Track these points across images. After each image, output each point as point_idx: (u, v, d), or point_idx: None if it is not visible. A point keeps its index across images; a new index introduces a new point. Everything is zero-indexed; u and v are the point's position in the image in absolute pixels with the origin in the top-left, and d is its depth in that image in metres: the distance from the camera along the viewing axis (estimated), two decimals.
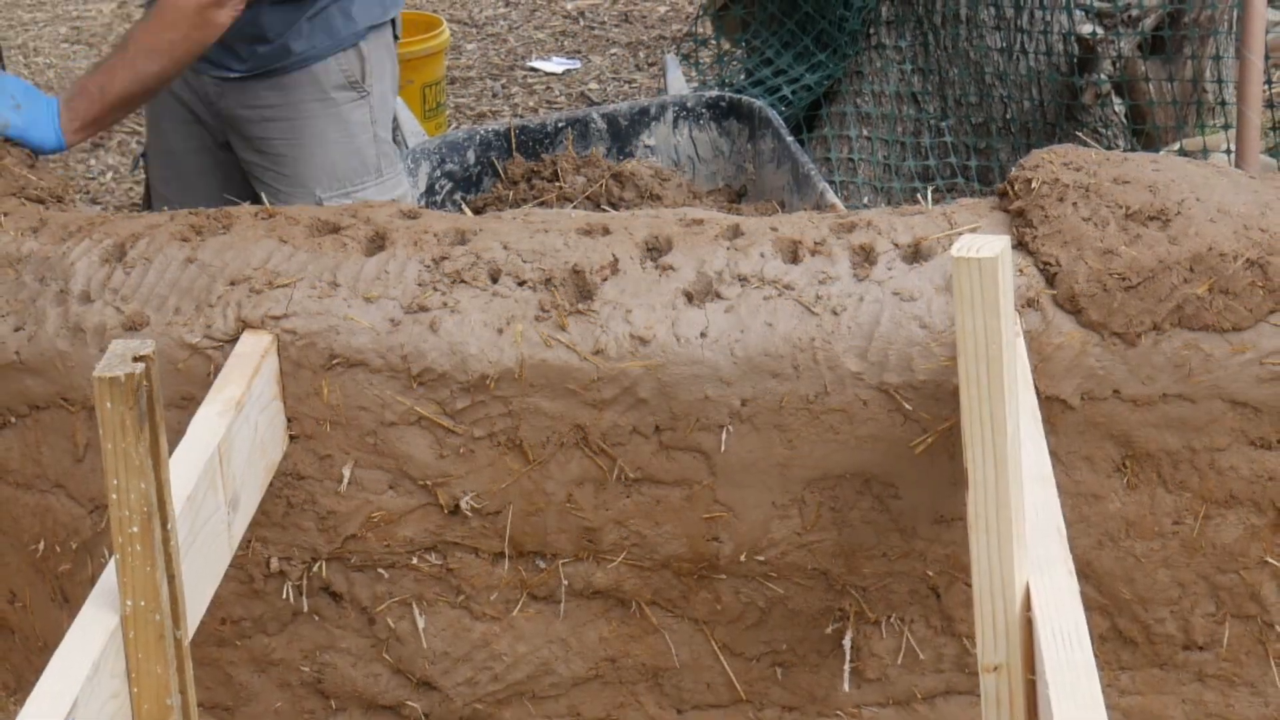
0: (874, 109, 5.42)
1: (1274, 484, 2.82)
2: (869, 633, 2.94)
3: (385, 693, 3.01)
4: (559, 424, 2.79)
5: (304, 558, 2.90)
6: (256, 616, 2.96)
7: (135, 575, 2.20)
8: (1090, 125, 5.46)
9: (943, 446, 2.76)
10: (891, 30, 5.41)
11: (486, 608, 2.93)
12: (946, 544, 2.85)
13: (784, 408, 2.75)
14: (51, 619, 3.02)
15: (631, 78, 7.49)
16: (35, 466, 2.93)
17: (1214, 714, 2.98)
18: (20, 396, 2.88)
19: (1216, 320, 2.75)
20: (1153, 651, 2.95)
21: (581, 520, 2.85)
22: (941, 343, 2.72)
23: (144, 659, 2.23)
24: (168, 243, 2.88)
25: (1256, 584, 2.89)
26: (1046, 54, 5.36)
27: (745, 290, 2.77)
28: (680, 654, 2.96)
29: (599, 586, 2.91)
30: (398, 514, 2.86)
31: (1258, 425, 2.79)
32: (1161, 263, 2.73)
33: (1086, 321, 2.75)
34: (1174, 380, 2.77)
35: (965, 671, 2.95)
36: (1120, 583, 2.89)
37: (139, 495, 2.17)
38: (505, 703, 3.01)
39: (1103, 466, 2.82)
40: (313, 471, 2.83)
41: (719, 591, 2.91)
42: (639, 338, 2.74)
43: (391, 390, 2.79)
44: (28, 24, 8.05)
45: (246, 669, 3.02)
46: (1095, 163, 2.87)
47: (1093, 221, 2.77)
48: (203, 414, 2.59)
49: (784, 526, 2.83)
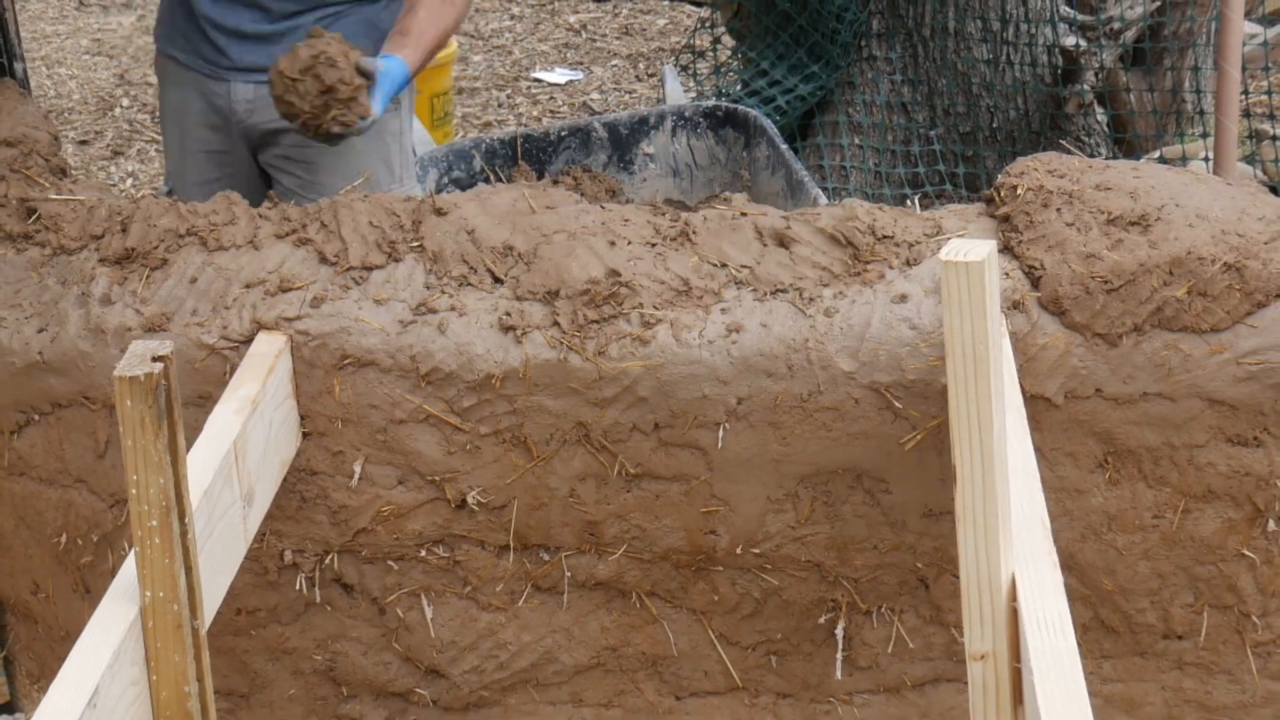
0: (865, 118, 5.42)
1: (1250, 479, 2.82)
2: (861, 622, 2.93)
3: (395, 680, 3.01)
4: (562, 421, 2.79)
5: (316, 550, 2.90)
6: (271, 607, 2.96)
7: (154, 567, 2.20)
8: (1073, 134, 5.46)
9: (932, 443, 2.76)
10: (882, 43, 5.40)
11: (492, 598, 2.93)
12: (935, 537, 2.85)
13: (778, 406, 2.75)
14: (74, 609, 3.02)
15: (632, 88, 7.48)
16: (58, 462, 2.93)
17: (1193, 701, 2.98)
18: (44, 395, 2.88)
19: (1195, 322, 2.75)
20: (1134, 640, 2.95)
21: (584, 514, 2.85)
22: (930, 343, 2.72)
23: (162, 648, 2.23)
24: (185, 247, 2.88)
25: (1233, 575, 2.89)
26: (1031, 65, 5.36)
27: (741, 293, 2.77)
28: (679, 643, 2.96)
29: (600, 578, 2.91)
30: (407, 508, 2.86)
31: (1235, 423, 2.79)
32: (1142, 266, 2.73)
33: (1070, 323, 2.75)
34: (1154, 379, 2.77)
35: (953, 659, 2.95)
36: (1102, 574, 2.89)
37: (158, 490, 2.17)
38: (510, 690, 3.01)
39: (1085, 462, 2.82)
40: (325, 467, 2.83)
41: (716, 583, 2.91)
42: (639, 338, 2.74)
43: (401, 389, 2.79)
44: (50, 37, 8.05)
45: (261, 657, 3.01)
46: (1078, 170, 2.87)
47: (1076, 226, 2.77)
48: (219, 412, 2.59)
49: (779, 520, 2.83)
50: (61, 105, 7.06)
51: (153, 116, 6.94)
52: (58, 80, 7.40)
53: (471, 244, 2.84)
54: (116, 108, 7.04)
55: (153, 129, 6.75)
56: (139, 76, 7.42)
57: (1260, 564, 2.87)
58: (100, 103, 7.11)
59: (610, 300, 2.76)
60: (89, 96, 7.19)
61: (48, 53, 7.78)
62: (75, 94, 7.22)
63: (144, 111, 6.98)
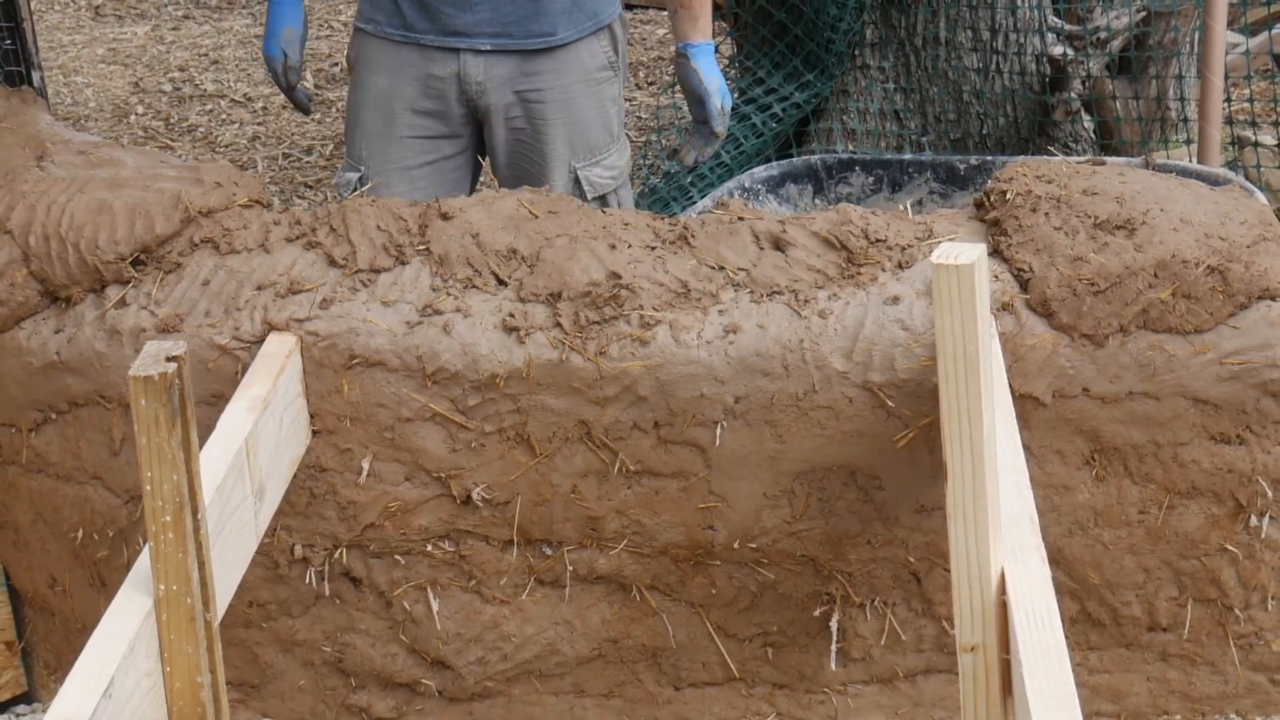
0: (859, 125, 5.42)
1: (1233, 476, 2.82)
2: (854, 615, 2.93)
3: (402, 671, 3.01)
4: (564, 420, 2.79)
5: (326, 545, 2.90)
6: (281, 600, 2.96)
7: (168, 561, 2.20)
8: (1061, 140, 5.45)
9: (923, 441, 2.75)
10: (875, 52, 5.40)
11: (496, 592, 2.93)
12: (927, 532, 2.85)
13: (774, 405, 2.75)
14: (90, 602, 3.02)
15: (631, 96, 7.47)
16: (74, 460, 2.93)
17: (1177, 691, 2.98)
18: (60, 394, 2.88)
19: (1179, 323, 2.74)
20: (1119, 633, 2.95)
21: (585, 510, 2.85)
22: (922, 344, 2.72)
23: (176, 639, 2.23)
24: (198, 250, 2.88)
25: (1216, 569, 2.89)
26: (1020, 74, 5.35)
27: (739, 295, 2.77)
28: (678, 635, 2.96)
29: (601, 572, 2.91)
30: (413, 504, 2.86)
31: (1218, 421, 2.79)
32: (1128, 269, 2.73)
33: (1058, 324, 2.75)
34: (1139, 379, 2.77)
35: (944, 651, 2.95)
36: (1089, 568, 2.89)
37: (171, 486, 2.17)
38: (514, 680, 3.01)
39: (1073, 460, 2.82)
40: (334, 464, 2.83)
41: (714, 577, 2.91)
42: (638, 339, 2.74)
43: (407, 388, 2.79)
44: (67, 46, 8.04)
45: (272, 649, 3.01)
46: (1066, 175, 2.87)
47: (1063, 230, 2.77)
48: (231, 410, 2.59)
49: (774, 516, 2.83)
50: (78, 112, 7.05)
51: (166, 123, 6.93)
52: (74, 88, 7.39)
53: (476, 247, 2.84)
54: (131, 115, 7.04)
55: (166, 135, 6.75)
56: (153, 84, 7.42)
57: (1242, 558, 2.87)
58: (115, 110, 7.10)
59: (611, 302, 2.76)
60: (104, 104, 7.18)
61: (65, 61, 7.77)
62: (91, 101, 7.21)
63: (158, 119, 6.97)
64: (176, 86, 7.41)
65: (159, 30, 8.22)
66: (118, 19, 8.53)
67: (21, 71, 3.34)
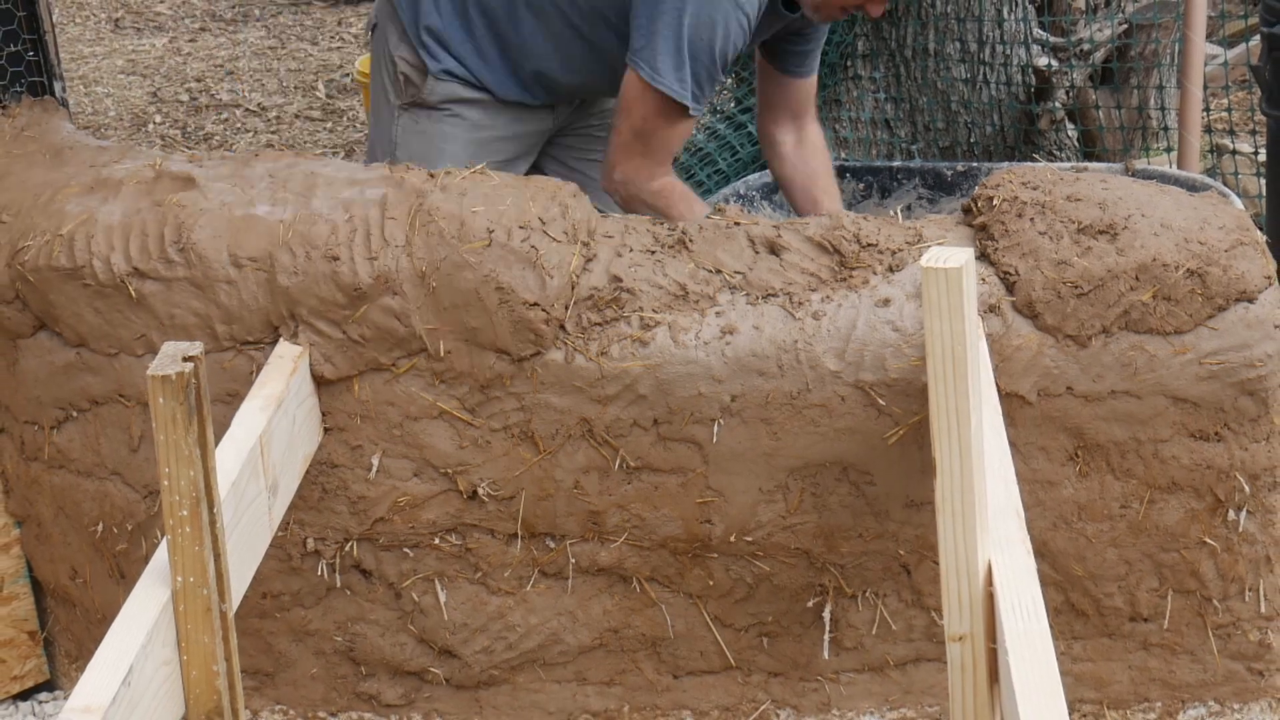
0: (850, 134, 5.42)
1: (1211, 472, 2.81)
2: (846, 606, 2.93)
3: (410, 660, 3.01)
4: (567, 418, 2.78)
5: (337, 538, 2.90)
6: (294, 591, 2.96)
7: (185, 554, 2.20)
8: (1046, 148, 5.45)
9: (913, 438, 2.75)
10: (866, 63, 5.40)
11: (502, 583, 2.93)
12: (916, 526, 2.85)
13: (770, 403, 2.75)
14: (109, 594, 3.02)
15: None
16: (95, 456, 2.93)
17: (1157, 679, 2.98)
18: (81, 393, 2.88)
19: (1160, 324, 2.74)
20: (1102, 623, 2.95)
21: (587, 504, 2.84)
22: (912, 344, 2.72)
23: (193, 630, 2.23)
24: None
25: (1195, 562, 2.89)
26: (1006, 84, 5.35)
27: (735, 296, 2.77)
28: (676, 625, 2.96)
29: (603, 564, 2.91)
30: (421, 499, 2.86)
31: (1197, 419, 2.79)
32: (1110, 272, 2.73)
33: (1043, 325, 2.75)
34: (1121, 378, 2.76)
35: (933, 641, 2.95)
36: (1073, 561, 2.89)
37: (188, 482, 2.16)
38: (519, 669, 3.01)
39: (1057, 456, 2.82)
40: (345, 460, 2.83)
41: (711, 569, 2.90)
42: (639, 340, 2.74)
43: (416, 387, 2.79)
44: (87, 57, 8.04)
45: (285, 639, 3.01)
46: (1050, 182, 2.87)
47: (1048, 235, 2.77)
48: (246, 409, 2.59)
49: (770, 510, 2.83)
50: (98, 122, 7.05)
51: (183, 132, 6.93)
52: (95, 98, 7.39)
53: None
54: (149, 124, 7.04)
55: (183, 144, 6.75)
56: (170, 95, 7.42)
57: (1221, 551, 2.87)
58: (134, 119, 7.10)
59: (612, 304, 2.76)
60: (124, 114, 7.18)
61: (85, 72, 7.77)
62: (111, 111, 7.21)
63: (175, 128, 6.97)
64: (193, 96, 7.41)
65: (176, 42, 8.22)
66: (136, 31, 8.53)
67: (44, 82, 3.34)
